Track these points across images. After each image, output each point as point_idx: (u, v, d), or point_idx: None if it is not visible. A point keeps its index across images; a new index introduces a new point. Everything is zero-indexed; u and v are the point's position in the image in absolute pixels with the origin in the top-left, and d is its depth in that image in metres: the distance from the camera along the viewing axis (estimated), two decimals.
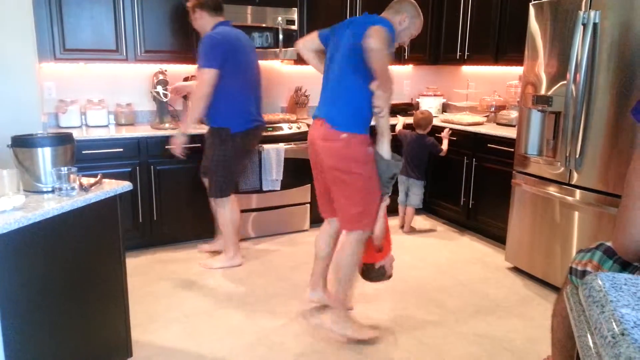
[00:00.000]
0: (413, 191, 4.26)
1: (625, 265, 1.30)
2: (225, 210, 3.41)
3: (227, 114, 3.23)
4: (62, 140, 1.99)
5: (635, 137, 2.62)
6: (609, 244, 1.42)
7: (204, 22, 3.25)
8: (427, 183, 4.40)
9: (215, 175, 3.32)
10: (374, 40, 2.21)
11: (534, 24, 3.19)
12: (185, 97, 3.90)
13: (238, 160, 3.37)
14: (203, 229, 3.92)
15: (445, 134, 4.21)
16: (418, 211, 4.54)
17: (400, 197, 4.32)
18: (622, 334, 0.63)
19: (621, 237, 1.10)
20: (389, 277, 2.75)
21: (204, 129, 3.49)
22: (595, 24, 2.78)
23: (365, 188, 2.49)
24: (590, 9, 2.81)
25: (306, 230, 4.26)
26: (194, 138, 3.65)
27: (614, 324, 0.66)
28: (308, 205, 4.24)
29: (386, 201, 2.58)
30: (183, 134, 3.25)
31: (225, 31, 3.22)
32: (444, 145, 4.19)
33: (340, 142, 2.42)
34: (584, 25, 2.83)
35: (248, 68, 3.30)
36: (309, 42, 2.72)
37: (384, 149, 2.48)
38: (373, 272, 2.69)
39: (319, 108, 2.56)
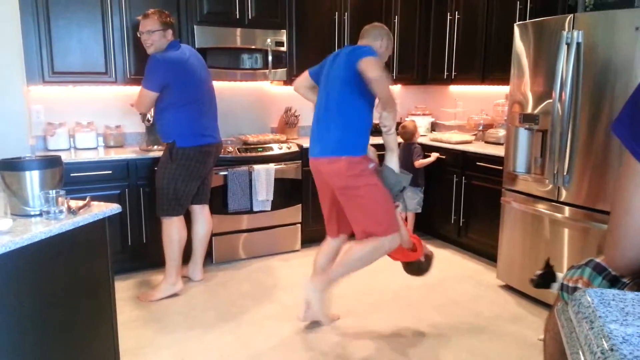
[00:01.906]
0: (408, 195, 4.32)
1: (614, 282, 1.31)
2: (171, 230, 3.30)
3: (173, 129, 3.22)
4: (50, 163, 1.98)
5: (622, 153, 2.65)
6: (598, 260, 1.43)
7: (163, 42, 3.21)
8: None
9: (162, 192, 3.25)
10: (371, 71, 2.45)
11: (519, 44, 3.25)
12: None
13: (188, 178, 3.25)
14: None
15: (432, 157, 4.30)
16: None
17: None
18: (612, 350, 0.63)
19: (612, 252, 1.11)
20: (427, 268, 2.91)
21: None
22: (578, 44, 2.84)
23: (378, 197, 2.63)
24: (573, 28, 2.87)
25: (297, 251, 4.24)
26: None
27: (603, 339, 0.66)
28: (299, 225, 4.23)
29: (399, 207, 2.75)
30: None
31: (172, 53, 3.18)
32: (423, 160, 4.28)
33: (343, 161, 2.60)
34: (568, 44, 2.88)
35: (197, 86, 3.25)
36: (303, 81, 2.97)
37: (393, 162, 2.68)
38: (413, 267, 2.91)
39: (316, 146, 2.73)
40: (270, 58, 4.16)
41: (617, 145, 2.71)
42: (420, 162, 4.26)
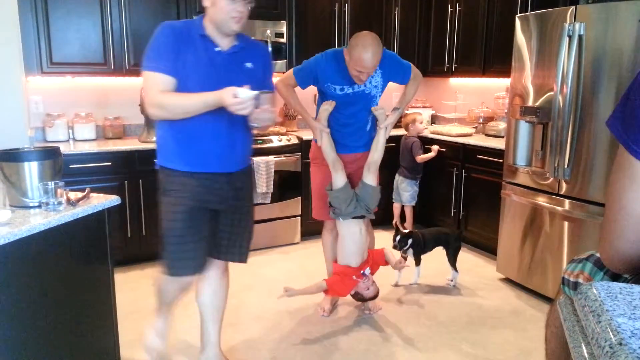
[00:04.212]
0: (402, 187, 4.35)
1: (615, 278, 1.30)
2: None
3: None
4: (49, 154, 1.97)
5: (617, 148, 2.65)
6: (599, 254, 1.42)
7: None
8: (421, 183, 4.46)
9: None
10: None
11: (520, 36, 3.23)
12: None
13: None
14: None
15: (433, 151, 4.29)
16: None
17: (394, 194, 4.45)
18: (620, 344, 0.62)
19: (607, 249, 1.10)
20: (373, 297, 2.92)
21: None
22: (580, 36, 2.82)
23: None
24: (575, 21, 2.85)
25: (297, 243, 4.24)
26: None
27: (610, 333, 0.65)
28: (299, 217, 4.22)
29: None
30: None
31: None
32: (425, 154, 4.27)
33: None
34: (570, 37, 2.87)
35: None
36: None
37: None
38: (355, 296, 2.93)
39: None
40: (270, 49, 4.13)
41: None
42: (421, 157, 4.24)
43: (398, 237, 3.23)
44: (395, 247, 3.22)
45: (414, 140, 4.29)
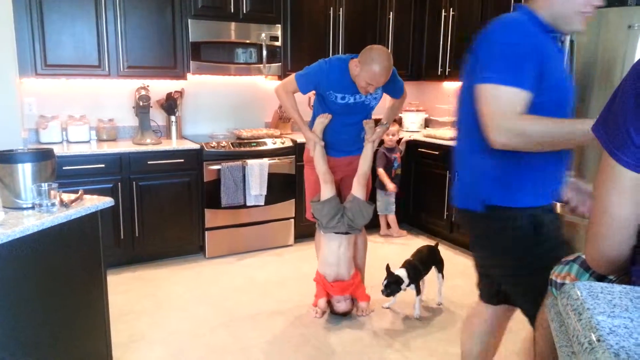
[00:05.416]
0: (377, 198, 4.44)
1: (600, 279, 1.32)
2: None
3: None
4: (42, 156, 1.97)
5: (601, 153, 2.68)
6: (585, 256, 1.44)
7: None
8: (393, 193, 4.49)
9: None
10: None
11: None
12: None
13: None
14: (185, 245, 3.90)
15: (389, 189, 4.35)
16: (403, 226, 4.65)
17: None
18: (599, 340, 0.64)
19: (592, 251, 1.12)
20: (343, 312, 3.00)
21: (184, 145, 3.47)
22: (571, 41, 2.85)
23: None
24: None
25: (291, 246, 4.25)
26: (175, 154, 3.69)
27: (590, 331, 0.67)
28: (292, 220, 4.23)
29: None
30: None
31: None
32: (384, 176, 4.34)
33: None
34: (562, 42, 2.90)
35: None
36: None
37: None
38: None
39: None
40: (264, 53, 4.15)
41: None
42: (380, 172, 4.33)
43: (385, 282, 2.90)
44: (382, 292, 2.91)
45: (380, 150, 4.33)
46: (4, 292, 1.69)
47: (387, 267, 2.95)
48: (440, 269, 3.20)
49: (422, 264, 3.06)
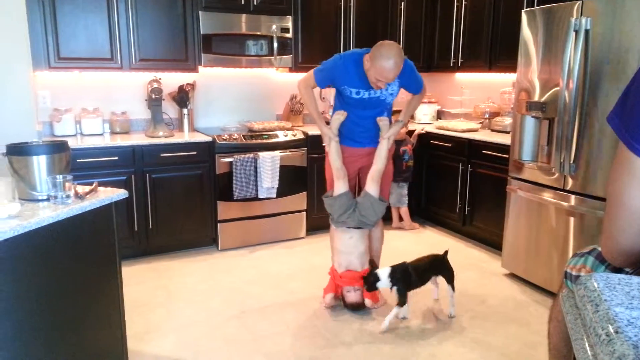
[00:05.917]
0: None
1: (616, 272, 1.31)
2: None
3: None
4: (57, 148, 1.99)
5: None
6: (600, 249, 1.43)
7: None
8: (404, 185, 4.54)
9: None
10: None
11: (526, 31, 3.22)
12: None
13: None
14: (198, 237, 3.92)
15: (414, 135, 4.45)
16: (415, 219, 4.64)
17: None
18: (616, 332, 0.63)
19: (608, 244, 1.11)
20: (353, 304, 2.99)
21: (196, 138, 3.48)
22: (587, 31, 2.81)
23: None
24: (581, 15, 2.84)
25: (302, 238, 4.25)
26: (188, 147, 3.71)
27: (608, 322, 0.67)
28: (304, 212, 4.24)
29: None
30: None
31: None
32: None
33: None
34: (576, 31, 2.86)
35: None
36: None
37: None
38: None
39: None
40: (275, 45, 4.14)
41: None
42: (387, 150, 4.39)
43: (364, 277, 2.82)
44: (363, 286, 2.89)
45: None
46: (19, 284, 1.71)
47: (371, 261, 2.93)
48: (449, 280, 2.94)
49: (416, 272, 2.80)
